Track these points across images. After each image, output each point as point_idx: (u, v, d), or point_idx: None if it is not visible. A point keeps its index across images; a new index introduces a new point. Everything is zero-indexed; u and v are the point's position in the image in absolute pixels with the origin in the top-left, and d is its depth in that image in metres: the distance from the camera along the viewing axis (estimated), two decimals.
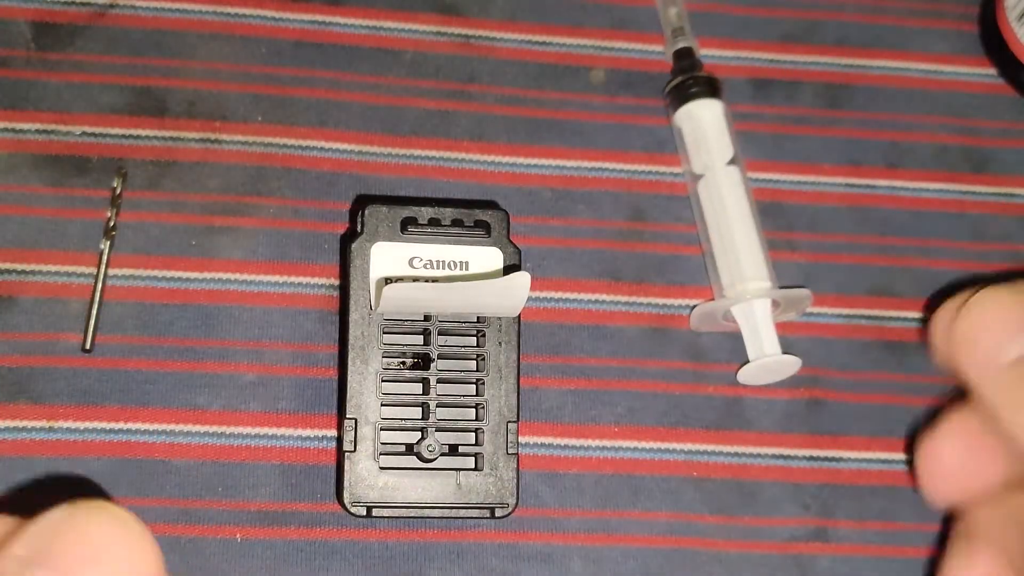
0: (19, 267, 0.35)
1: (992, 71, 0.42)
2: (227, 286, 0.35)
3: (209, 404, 0.34)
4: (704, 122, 0.38)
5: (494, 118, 0.38)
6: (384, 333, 0.33)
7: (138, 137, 0.36)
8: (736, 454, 0.36)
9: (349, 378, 0.32)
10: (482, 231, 0.33)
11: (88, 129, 0.36)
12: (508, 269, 0.33)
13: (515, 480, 0.33)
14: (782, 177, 0.39)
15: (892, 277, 0.39)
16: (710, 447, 0.36)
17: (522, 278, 0.31)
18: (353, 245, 0.33)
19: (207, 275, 0.35)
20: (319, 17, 0.39)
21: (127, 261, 0.35)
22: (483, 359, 0.33)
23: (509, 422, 0.33)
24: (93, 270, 0.35)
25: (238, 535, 0.33)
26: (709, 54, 0.40)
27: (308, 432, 0.34)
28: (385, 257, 0.33)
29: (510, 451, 0.33)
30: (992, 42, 0.41)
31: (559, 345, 0.36)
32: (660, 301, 0.37)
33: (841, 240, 0.39)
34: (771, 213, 0.39)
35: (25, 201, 0.35)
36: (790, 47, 0.41)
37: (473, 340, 0.33)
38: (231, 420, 0.34)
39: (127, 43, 0.37)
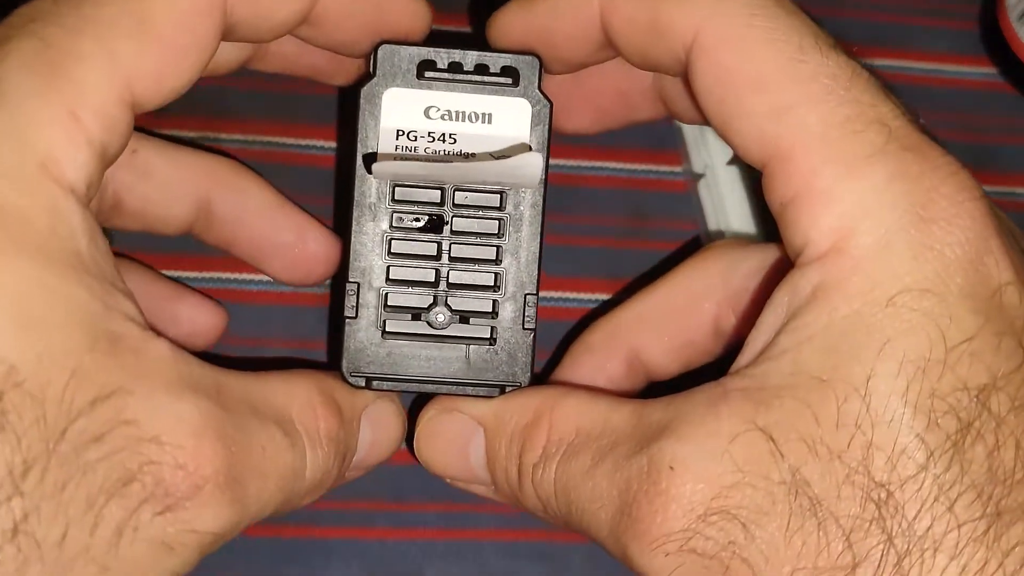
0: None
1: (993, 70, 0.42)
2: (227, 286, 0.35)
3: None
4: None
5: None
6: (395, 187, 0.29)
7: None
8: None
9: (353, 238, 0.29)
10: (509, 79, 0.29)
11: None
12: (537, 123, 0.30)
13: (530, 357, 0.30)
14: None
15: None
16: None
17: (531, 158, 0.29)
18: (363, 89, 0.29)
19: (207, 275, 0.35)
20: None
21: None
22: (504, 223, 0.30)
23: (528, 294, 0.30)
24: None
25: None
26: None
27: None
28: (398, 105, 0.29)
29: (527, 326, 0.30)
30: (993, 41, 0.41)
31: (559, 344, 0.36)
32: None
33: None
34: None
35: None
36: None
37: (496, 199, 0.30)
38: None
39: None
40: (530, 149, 0.29)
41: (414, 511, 0.33)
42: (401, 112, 0.29)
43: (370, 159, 0.29)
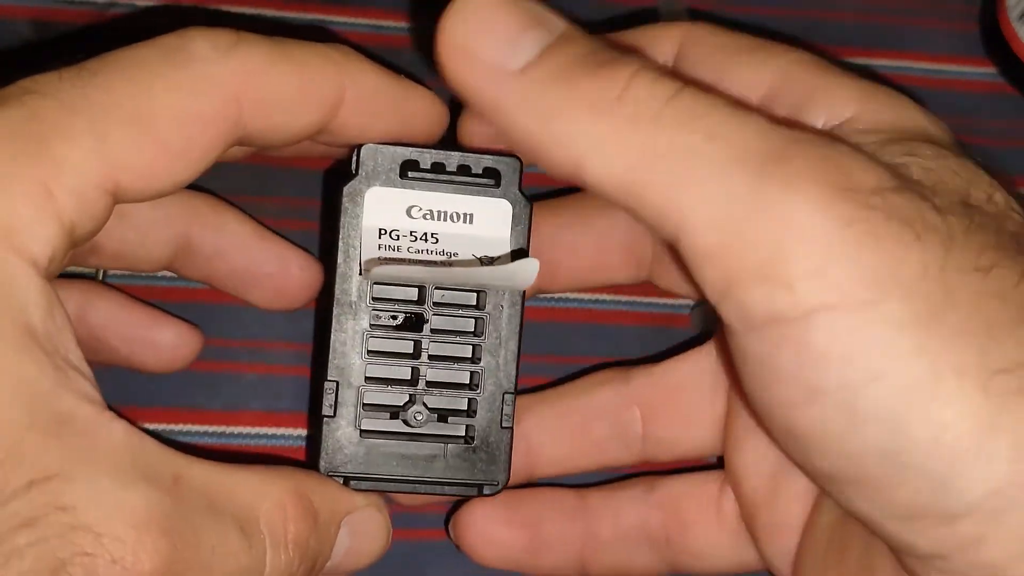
0: None
1: (993, 70, 0.42)
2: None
3: (209, 404, 0.34)
4: None
5: None
6: (373, 285, 0.30)
7: None
8: None
9: (332, 336, 0.29)
10: (491, 180, 0.30)
11: None
12: (517, 225, 0.30)
13: (508, 457, 0.30)
14: None
15: None
16: None
17: (530, 264, 0.28)
18: (345, 187, 0.29)
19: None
20: (319, 16, 0.39)
21: None
22: (482, 322, 0.30)
23: (506, 393, 0.30)
24: (92, 270, 0.35)
25: None
26: None
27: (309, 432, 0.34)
28: (380, 204, 0.30)
29: (504, 425, 0.30)
30: (993, 41, 0.41)
31: (559, 345, 0.36)
32: (661, 301, 0.37)
33: None
34: None
35: None
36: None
37: (473, 298, 0.31)
38: (231, 420, 0.34)
39: (127, 43, 0.37)
40: (517, 253, 0.30)
41: (414, 511, 0.33)
42: (383, 211, 0.30)
43: (360, 262, 0.29)
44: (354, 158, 0.30)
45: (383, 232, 0.30)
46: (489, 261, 0.30)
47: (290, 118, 0.27)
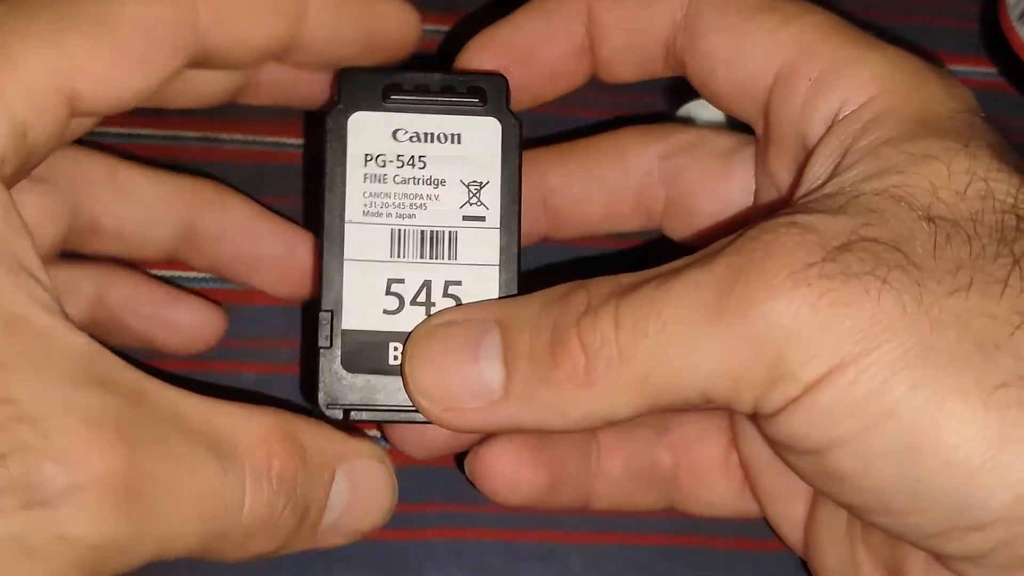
0: None
1: (992, 70, 0.42)
2: (228, 286, 0.35)
3: None
4: (704, 122, 0.38)
5: None
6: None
7: (137, 136, 0.36)
8: None
9: (324, 266, 0.29)
10: (476, 99, 0.29)
11: None
12: (508, 143, 0.30)
13: None
14: None
15: None
16: None
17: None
18: (328, 116, 0.29)
19: (207, 275, 0.35)
20: None
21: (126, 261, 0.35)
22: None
23: None
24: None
25: None
26: None
27: None
28: (365, 129, 0.29)
29: None
30: (993, 40, 0.41)
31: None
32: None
33: None
34: None
35: None
36: None
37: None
38: None
39: None
40: (508, 175, 0.29)
41: (414, 511, 0.33)
42: (368, 136, 0.29)
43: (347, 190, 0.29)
44: (336, 86, 0.29)
45: (369, 158, 0.29)
46: (478, 187, 0.29)
47: (252, 26, 0.27)
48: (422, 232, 0.29)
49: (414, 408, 0.28)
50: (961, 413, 0.22)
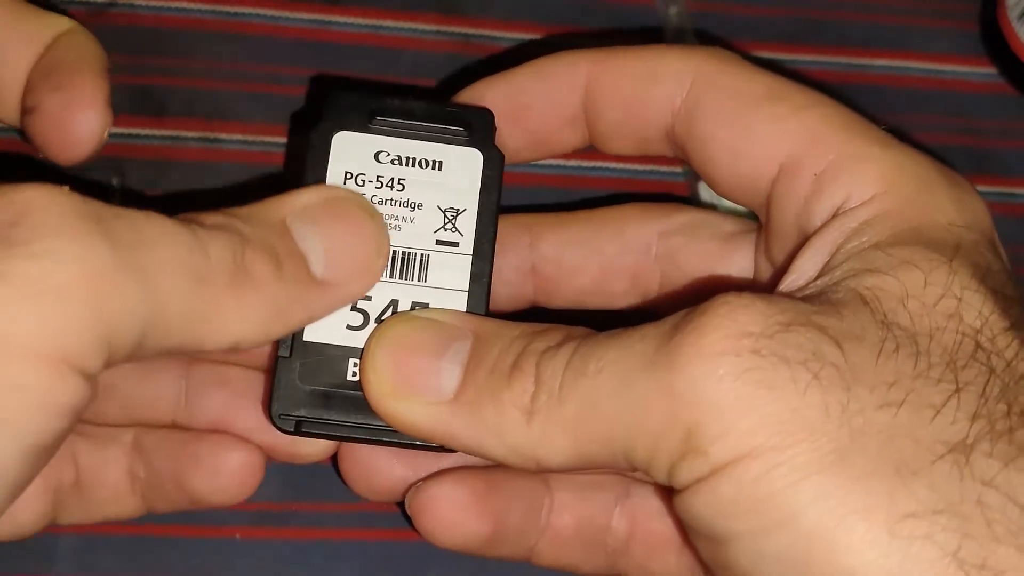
0: None
1: (993, 70, 0.42)
2: None
3: None
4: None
5: None
6: None
7: (137, 136, 0.36)
8: None
9: None
10: (461, 130, 0.29)
11: None
12: (488, 174, 0.29)
13: None
14: None
15: None
16: None
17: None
18: (312, 132, 0.29)
19: None
20: (318, 16, 0.39)
21: None
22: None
23: None
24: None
25: (237, 535, 0.33)
26: None
27: None
28: (348, 148, 0.29)
29: None
30: (993, 41, 0.41)
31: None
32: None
33: None
34: None
35: None
36: (790, 47, 0.41)
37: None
38: None
39: (126, 42, 0.37)
40: (485, 208, 0.29)
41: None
42: (350, 155, 0.29)
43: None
44: (323, 105, 0.29)
45: (349, 176, 0.29)
46: (455, 213, 0.29)
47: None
48: (394, 252, 0.29)
49: (367, 426, 0.28)
50: (863, 535, 0.21)
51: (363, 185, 0.29)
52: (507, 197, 0.30)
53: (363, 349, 0.28)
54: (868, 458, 0.22)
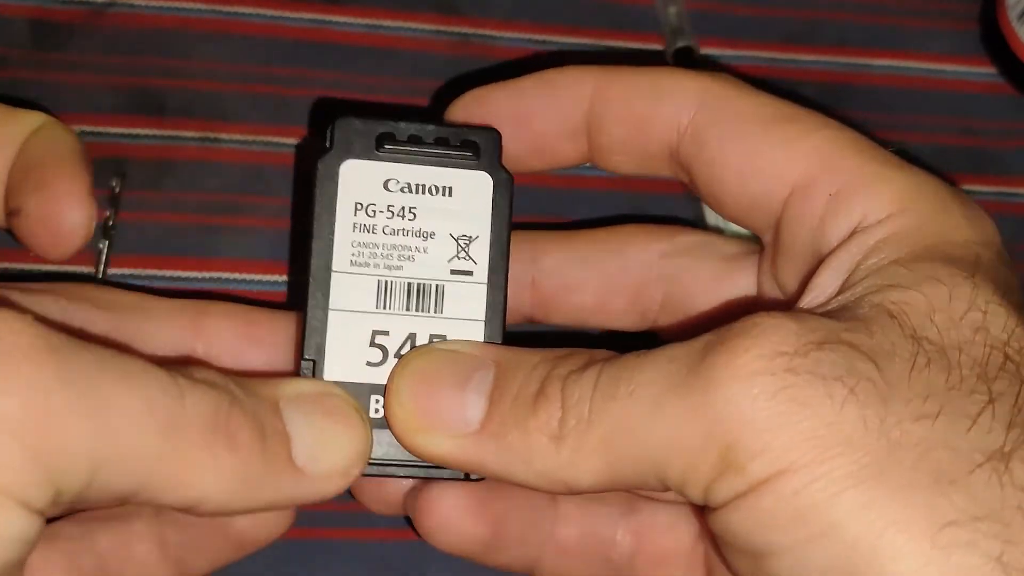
0: (17, 267, 0.34)
1: (993, 70, 0.42)
2: (227, 286, 0.35)
3: None
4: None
5: None
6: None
7: (137, 136, 0.36)
8: None
9: (309, 314, 0.28)
10: (469, 153, 0.29)
11: (86, 128, 0.36)
12: (498, 199, 0.29)
13: None
14: None
15: None
16: None
17: None
18: (320, 162, 0.29)
19: (207, 275, 0.35)
20: (318, 16, 0.39)
21: (126, 261, 0.35)
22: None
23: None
24: (92, 270, 0.35)
25: None
26: (709, 54, 0.40)
27: None
28: (356, 177, 0.29)
29: None
30: (993, 41, 0.41)
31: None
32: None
33: None
34: None
35: None
36: (790, 47, 0.41)
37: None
38: None
39: (126, 42, 0.37)
40: (497, 232, 0.29)
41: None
42: (359, 185, 0.29)
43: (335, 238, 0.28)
44: (328, 132, 0.29)
45: (360, 207, 0.29)
46: (468, 241, 0.29)
47: None
48: (409, 284, 0.29)
49: (391, 462, 0.28)
50: (905, 545, 0.22)
51: (374, 216, 0.29)
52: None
53: (386, 385, 0.28)
54: (906, 469, 0.22)
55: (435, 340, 0.28)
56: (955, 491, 0.22)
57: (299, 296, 0.28)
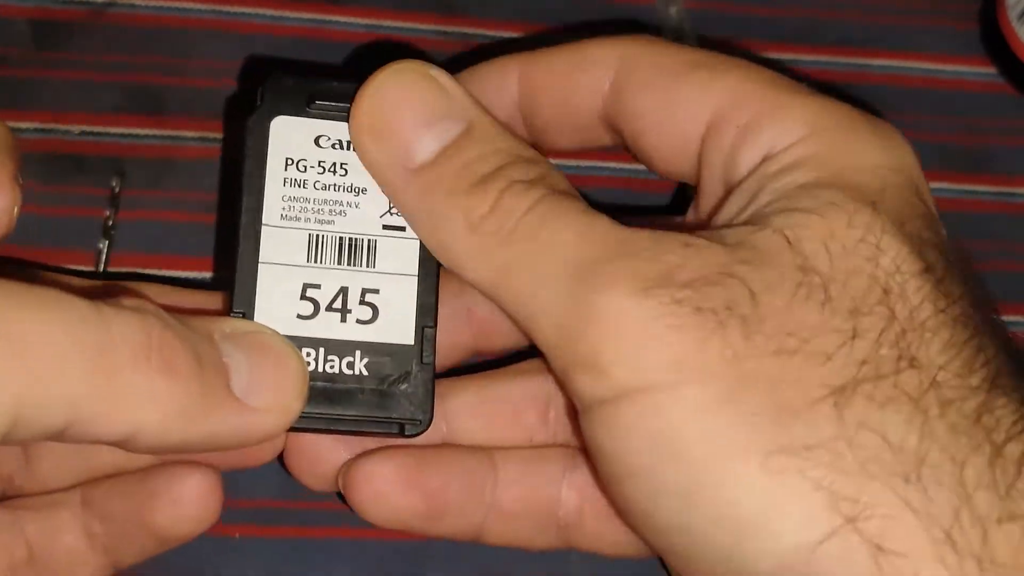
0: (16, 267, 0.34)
1: (993, 70, 0.42)
2: (227, 285, 0.35)
3: None
4: None
5: None
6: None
7: (137, 136, 0.36)
8: None
9: (238, 267, 0.28)
10: None
11: (86, 128, 0.36)
12: None
13: (430, 393, 0.28)
14: None
15: None
16: None
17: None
18: (249, 120, 0.28)
19: (207, 274, 0.35)
20: (318, 16, 0.39)
21: (126, 260, 0.35)
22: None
23: (425, 327, 0.29)
24: (91, 269, 0.35)
25: (237, 534, 0.33)
26: None
27: None
28: (287, 133, 0.28)
29: (425, 360, 0.28)
30: (993, 41, 0.41)
31: None
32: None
33: None
34: None
35: (23, 200, 0.35)
36: (790, 47, 0.41)
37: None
38: None
39: (126, 41, 0.37)
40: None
41: None
42: (290, 141, 0.29)
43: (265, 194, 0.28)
44: (260, 89, 0.29)
45: (290, 162, 0.29)
46: None
47: None
48: (340, 238, 0.28)
49: (329, 416, 0.28)
50: (740, 470, 0.23)
51: (305, 171, 0.29)
52: None
53: (372, 77, 0.28)
54: (752, 400, 0.23)
55: (367, 294, 0.28)
56: (794, 422, 0.23)
57: (228, 254, 0.28)
